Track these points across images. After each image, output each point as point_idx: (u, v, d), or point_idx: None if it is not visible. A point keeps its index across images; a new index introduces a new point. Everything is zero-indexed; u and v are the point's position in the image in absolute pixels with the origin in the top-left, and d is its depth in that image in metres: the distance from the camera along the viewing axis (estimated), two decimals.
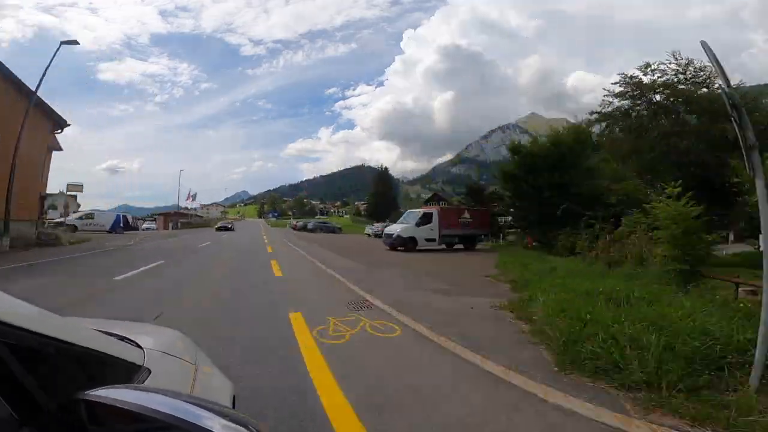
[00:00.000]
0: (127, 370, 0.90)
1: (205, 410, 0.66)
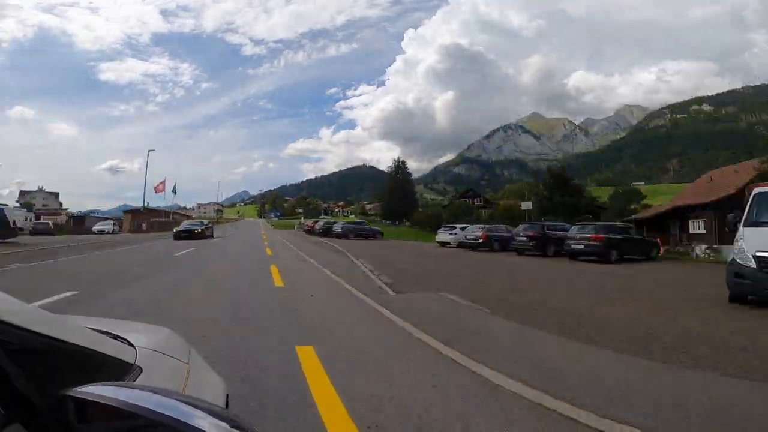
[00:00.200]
0: (119, 368, 0.90)
1: (197, 409, 0.64)
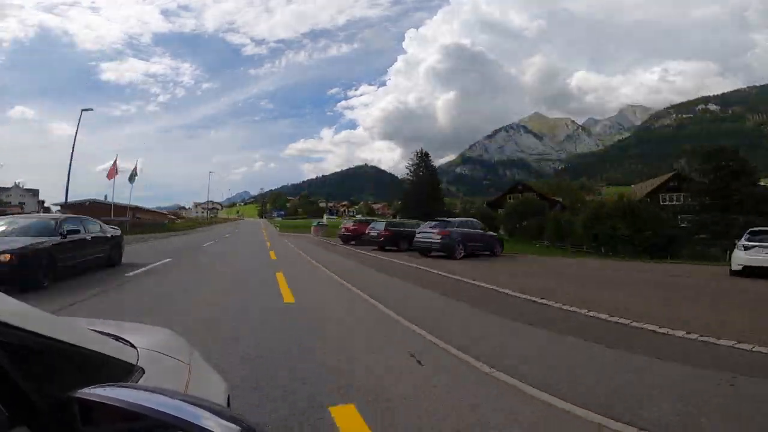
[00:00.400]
0: (121, 370, 0.90)
1: (203, 409, 0.64)
